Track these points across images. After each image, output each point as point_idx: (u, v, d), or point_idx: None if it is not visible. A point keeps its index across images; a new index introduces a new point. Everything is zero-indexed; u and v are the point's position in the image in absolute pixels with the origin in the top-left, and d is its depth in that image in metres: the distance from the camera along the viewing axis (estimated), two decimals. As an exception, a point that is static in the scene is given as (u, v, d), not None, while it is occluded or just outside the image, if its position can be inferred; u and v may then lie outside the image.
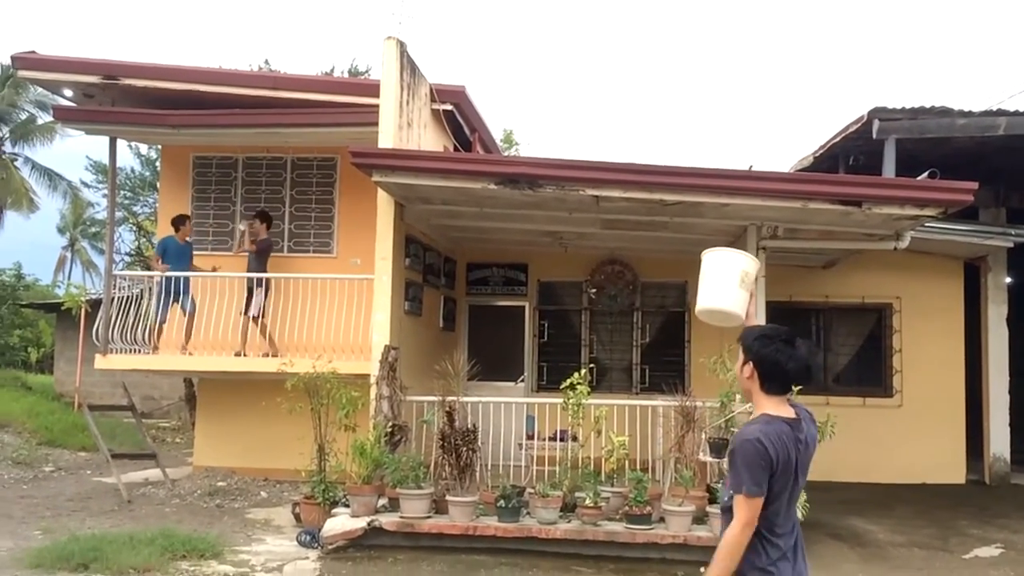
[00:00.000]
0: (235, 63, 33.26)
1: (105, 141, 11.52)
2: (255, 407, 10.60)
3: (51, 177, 29.58)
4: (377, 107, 9.51)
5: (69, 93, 11.52)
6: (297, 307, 10.52)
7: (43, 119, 27.84)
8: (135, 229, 25.05)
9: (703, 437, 8.12)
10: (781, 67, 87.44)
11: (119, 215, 24.92)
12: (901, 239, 9.04)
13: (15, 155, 29.07)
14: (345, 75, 23.85)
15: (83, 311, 17.37)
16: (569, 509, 7.88)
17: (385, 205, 9.32)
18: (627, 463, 8.11)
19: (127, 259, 23.75)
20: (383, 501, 8.14)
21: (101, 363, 10.95)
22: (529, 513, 7.81)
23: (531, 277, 13.14)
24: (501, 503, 7.70)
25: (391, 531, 7.70)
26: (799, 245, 9.88)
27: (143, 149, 23.65)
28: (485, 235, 11.93)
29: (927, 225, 9.42)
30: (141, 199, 25.06)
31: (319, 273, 10.83)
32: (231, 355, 10.63)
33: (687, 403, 8.25)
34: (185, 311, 10.78)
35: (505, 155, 18.60)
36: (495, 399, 9.12)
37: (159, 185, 14.57)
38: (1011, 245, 11.75)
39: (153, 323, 10.85)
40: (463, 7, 74.62)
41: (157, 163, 19.94)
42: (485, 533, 7.61)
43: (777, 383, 3.06)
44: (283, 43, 72.66)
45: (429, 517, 7.79)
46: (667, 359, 12.74)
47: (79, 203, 33.55)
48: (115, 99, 11.33)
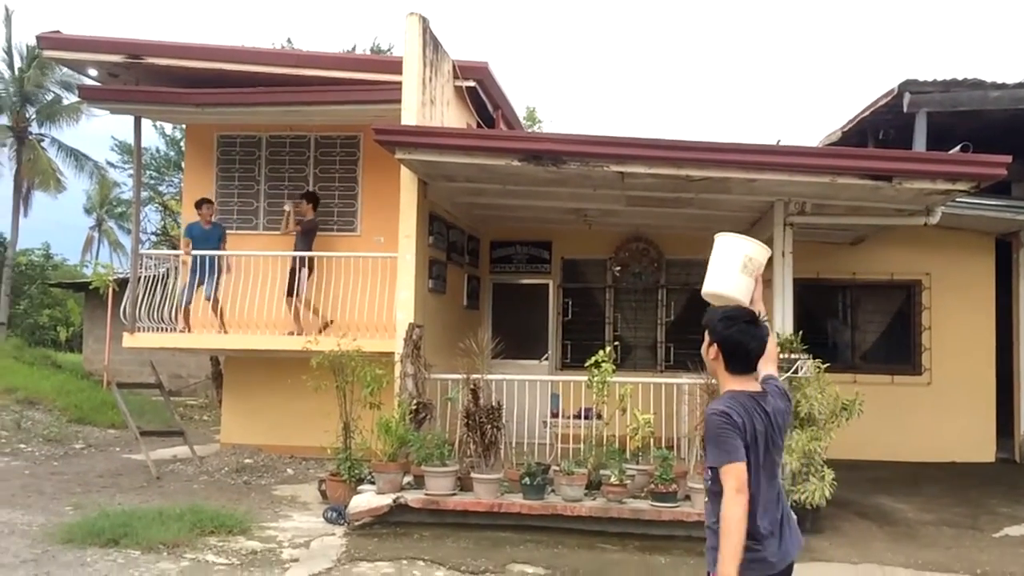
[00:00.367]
0: (258, 42, 33.22)
1: (130, 121, 11.58)
2: (281, 385, 10.68)
3: (77, 158, 29.83)
4: (400, 84, 9.46)
5: (94, 73, 11.54)
6: (321, 286, 10.56)
7: (68, 100, 28.02)
8: (161, 209, 25.21)
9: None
10: (809, 41, 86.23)
11: (145, 195, 25.12)
12: (931, 214, 8.87)
13: (42, 136, 29.32)
14: (367, 54, 23.77)
15: (111, 290, 17.58)
16: (594, 487, 7.87)
17: (408, 183, 9.29)
18: (652, 441, 8.08)
19: (153, 238, 23.94)
20: (408, 478, 8.17)
21: (129, 341, 11.06)
22: (554, 491, 7.80)
23: (555, 255, 13.08)
24: (526, 480, 7.70)
25: (416, 508, 7.72)
26: (827, 221, 9.73)
27: (168, 129, 23.75)
28: (509, 213, 11.88)
29: (958, 200, 9.24)
30: (167, 179, 25.22)
31: (342, 252, 10.84)
32: (262, 334, 10.65)
33: (712, 381, 8.18)
34: (208, 296, 10.80)
35: (528, 131, 18.47)
36: (519, 377, 9.10)
37: (184, 165, 14.62)
38: (1044, 220, 11.54)
39: (179, 303, 10.91)
40: (485, -17, 74.06)
41: (182, 143, 20.02)
42: (510, 510, 7.62)
43: (740, 362, 3.17)
44: (305, 21, 72.61)
45: (454, 494, 7.81)
46: (692, 337, 12.51)
47: (105, 183, 33.84)
48: (139, 78, 11.36)
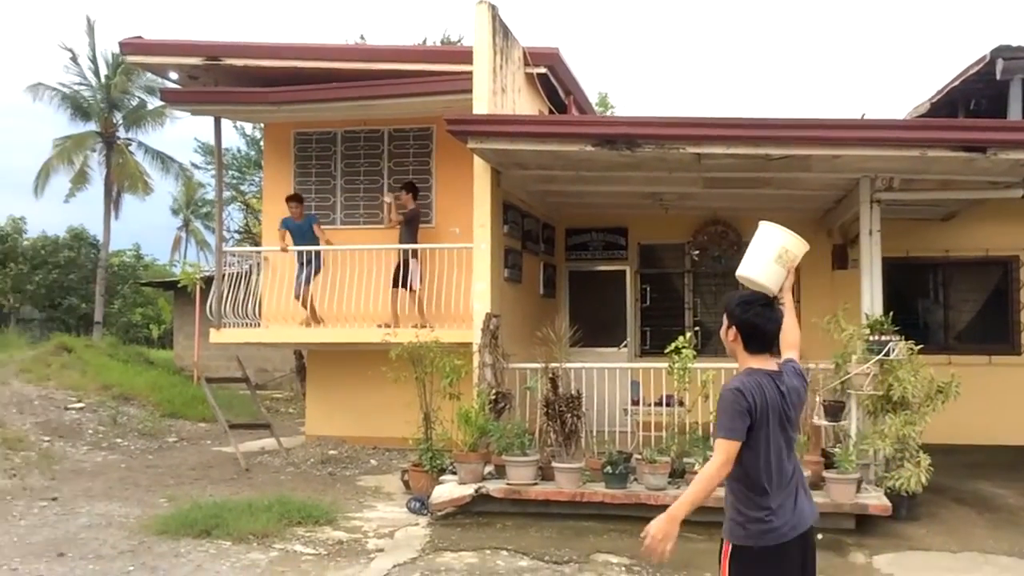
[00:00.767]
0: (332, 39, 33.77)
1: (212, 123, 11.84)
2: (363, 377, 10.78)
3: (163, 160, 30.77)
4: (471, 74, 9.42)
5: (174, 76, 11.87)
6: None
7: (153, 104, 28.91)
8: (243, 208, 25.85)
9: (817, 400, 7.84)
10: (892, 10, 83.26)
11: (227, 195, 25.80)
12: (1029, 186, 8.44)
13: (129, 140, 30.34)
14: (438, 45, 23.87)
15: (198, 288, 18.13)
16: (678, 475, 7.73)
17: (481, 172, 9.26)
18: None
19: (236, 236, 24.55)
20: (489, 468, 8.17)
21: (215, 337, 11.35)
22: (636, 479, 7.70)
23: (631, 240, 12.90)
24: (608, 469, 7.61)
25: (498, 498, 7.72)
26: (916, 197, 9.33)
27: (248, 129, 24.32)
28: (583, 199, 11.76)
29: (1059, 170, 8.75)
30: (248, 178, 25.85)
31: (418, 244, 10.88)
32: (345, 327, 10.77)
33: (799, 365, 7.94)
34: (298, 288, 10.97)
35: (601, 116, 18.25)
36: (598, 365, 9.00)
37: (263, 163, 14.92)
38: None
39: (298, 296, 11.04)
40: (554, -30, 73.62)
41: (261, 142, 20.46)
42: (592, 500, 7.55)
43: (757, 343, 3.38)
44: (377, 17, 73.42)
45: (536, 484, 7.78)
46: (776, 320, 12.32)
47: (190, 185, 34.90)
48: (218, 79, 11.62)
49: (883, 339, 7.73)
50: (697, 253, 12.61)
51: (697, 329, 11.92)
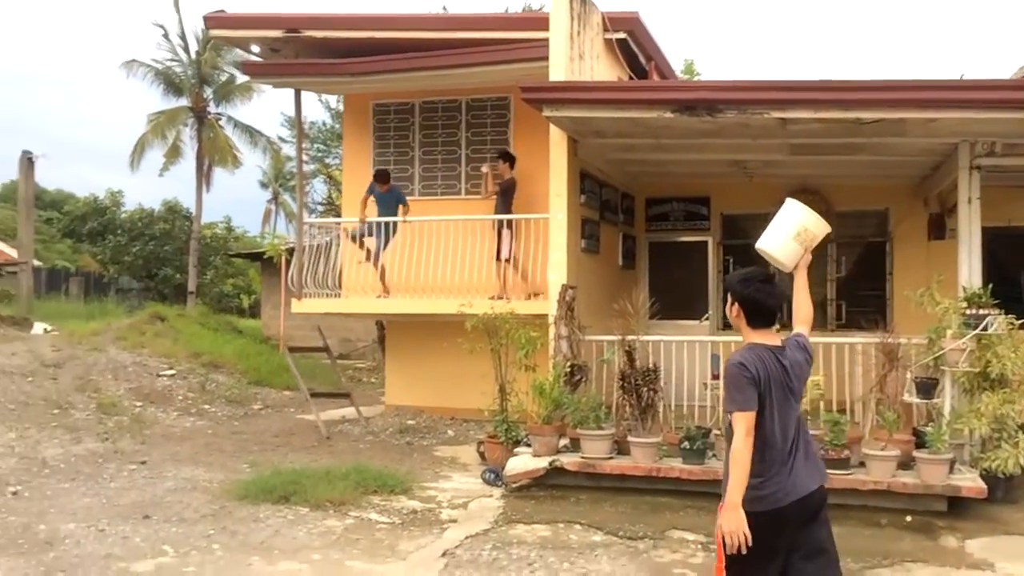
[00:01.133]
0: (413, 8, 33.83)
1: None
2: (440, 348, 10.82)
3: (251, 134, 31.41)
4: (548, 41, 9.25)
5: (256, 49, 12.02)
6: (475, 248, 10.57)
7: (241, 79, 29.47)
8: (326, 180, 26.23)
9: (908, 376, 7.49)
10: (996, -32, 78.88)
11: (312, 167, 26.23)
12: None
13: (219, 115, 31.06)
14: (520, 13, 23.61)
15: (283, 259, 18.46)
16: (758, 452, 7.49)
17: (558, 141, 9.09)
18: (822, 404, 7.61)
19: (319, 209, 24.93)
20: (564, 441, 8.08)
21: (296, 307, 11.57)
22: (715, 455, 7.49)
23: (714, 210, 12.54)
24: (685, 444, 7.44)
25: (572, 471, 7.63)
26: (1020, 163, 8.77)
27: (333, 102, 24.56)
28: (663, 168, 11.46)
29: None
30: (333, 151, 26.18)
31: (495, 214, 10.80)
32: (422, 297, 10.81)
33: (889, 340, 7.60)
34: (370, 257, 11.05)
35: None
36: (676, 338, 8.78)
37: (343, 135, 15.04)
38: None
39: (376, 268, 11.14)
40: (639, -65, 72.07)
41: (344, 115, 20.65)
42: (669, 475, 7.38)
43: (760, 318, 3.51)
44: (460, -11, 73.25)
45: (611, 458, 7.66)
46: (866, 293, 11.86)
47: (278, 158, 35.60)
48: (299, 52, 11.72)
49: (981, 313, 7.31)
50: (783, 223, 12.17)
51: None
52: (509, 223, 10.47)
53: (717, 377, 9.53)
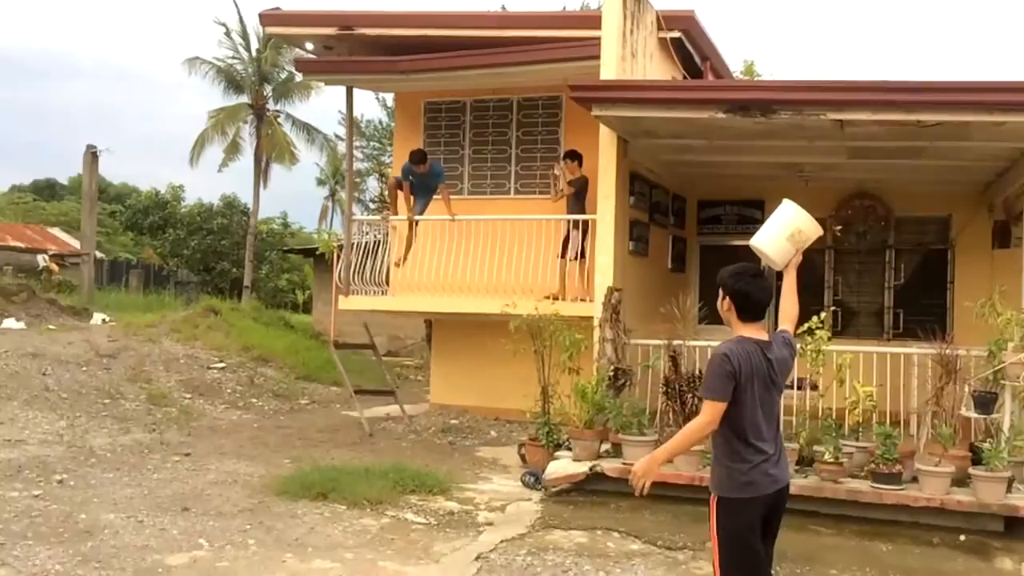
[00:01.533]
0: (469, 6, 33.89)
1: (356, 94, 12.02)
2: (485, 348, 10.72)
3: (309, 131, 31.82)
4: (600, 40, 9.12)
5: (310, 47, 12.11)
6: (522, 249, 10.46)
7: (299, 77, 29.85)
8: (380, 178, 26.40)
9: (967, 390, 7.18)
10: (1073, -31, 76.12)
11: (367, 165, 26.42)
12: None
13: (278, 112, 31.53)
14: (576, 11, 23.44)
15: (335, 255, 18.58)
16: (806, 463, 7.26)
17: (607, 141, 8.95)
18: (874, 416, 7.34)
19: (372, 206, 25.09)
20: (606, 446, 7.94)
21: (343, 303, 11.61)
22: (761, 465, 7.28)
23: (767, 214, 12.21)
24: (730, 454, 7.23)
25: (613, 477, 7.47)
26: (1093, 169, 8.40)
27: (388, 101, 24.69)
28: (716, 170, 11.23)
29: None
30: (388, 150, 26.31)
31: (544, 215, 10.68)
32: (465, 296, 10.74)
33: (948, 351, 7.30)
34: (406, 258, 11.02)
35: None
36: (725, 343, 8.56)
37: (394, 133, 15.08)
38: None
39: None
40: (701, -65, 71.24)
41: (397, 113, 20.74)
42: (712, 484, 7.19)
43: (750, 311, 3.63)
44: (519, -11, 73.29)
45: (653, 465, 7.48)
46: (925, 302, 11.48)
47: (335, 155, 36.00)
48: (352, 49, 11.74)
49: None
50: (839, 228, 11.79)
51: (836, 309, 11.22)
52: (576, 223, 10.28)
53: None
